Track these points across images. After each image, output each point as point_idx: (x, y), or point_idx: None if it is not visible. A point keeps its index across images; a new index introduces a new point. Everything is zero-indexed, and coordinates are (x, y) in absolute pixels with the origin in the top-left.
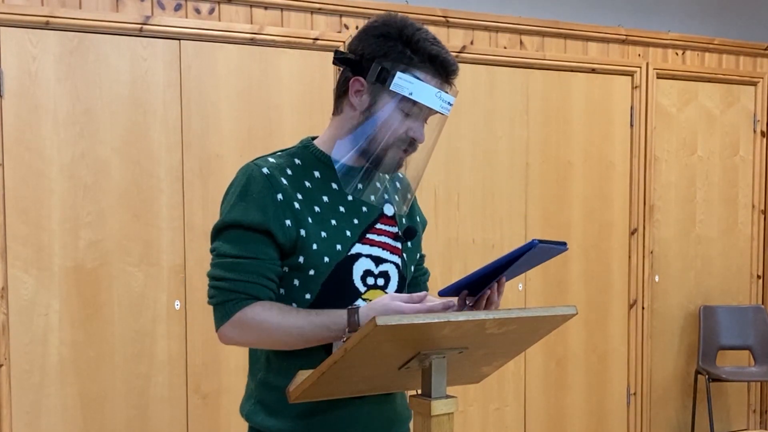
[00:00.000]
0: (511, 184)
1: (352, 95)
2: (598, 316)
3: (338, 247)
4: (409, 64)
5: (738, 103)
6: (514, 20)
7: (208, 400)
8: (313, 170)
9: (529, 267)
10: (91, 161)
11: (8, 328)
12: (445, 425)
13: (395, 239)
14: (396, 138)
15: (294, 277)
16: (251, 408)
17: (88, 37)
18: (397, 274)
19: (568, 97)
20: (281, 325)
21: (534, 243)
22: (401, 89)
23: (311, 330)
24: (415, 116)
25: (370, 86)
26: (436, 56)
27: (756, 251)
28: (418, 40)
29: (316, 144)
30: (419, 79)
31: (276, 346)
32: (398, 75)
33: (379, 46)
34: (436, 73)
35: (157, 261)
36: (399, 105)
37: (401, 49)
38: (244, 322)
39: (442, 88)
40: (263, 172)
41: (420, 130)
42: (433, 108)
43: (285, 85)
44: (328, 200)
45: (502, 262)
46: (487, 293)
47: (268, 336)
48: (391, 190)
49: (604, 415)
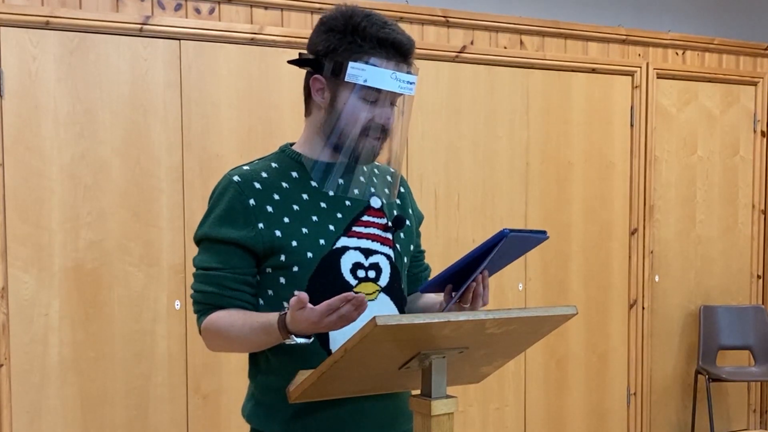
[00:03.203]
0: (511, 184)
1: (314, 94)
2: (598, 316)
3: (321, 241)
4: (359, 52)
5: (738, 103)
6: (514, 20)
7: (208, 400)
8: (290, 171)
9: (511, 259)
10: (91, 161)
11: (8, 328)
12: (445, 425)
13: (385, 230)
14: (363, 127)
15: (279, 276)
16: (251, 410)
17: (88, 37)
18: (389, 266)
19: (568, 97)
20: (229, 332)
21: (505, 233)
22: (356, 78)
23: (254, 336)
24: (378, 102)
25: (329, 81)
26: (384, 39)
27: (756, 251)
28: (365, 26)
29: (294, 148)
30: (372, 65)
31: (238, 350)
32: (350, 65)
33: (330, 40)
34: (389, 55)
35: (157, 261)
36: (358, 94)
37: (350, 39)
38: (208, 331)
39: (398, 69)
40: (234, 180)
41: (385, 114)
42: (391, 90)
43: (285, 85)
44: (307, 197)
45: (476, 254)
46: (472, 286)
47: (226, 342)
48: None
49: (604, 415)
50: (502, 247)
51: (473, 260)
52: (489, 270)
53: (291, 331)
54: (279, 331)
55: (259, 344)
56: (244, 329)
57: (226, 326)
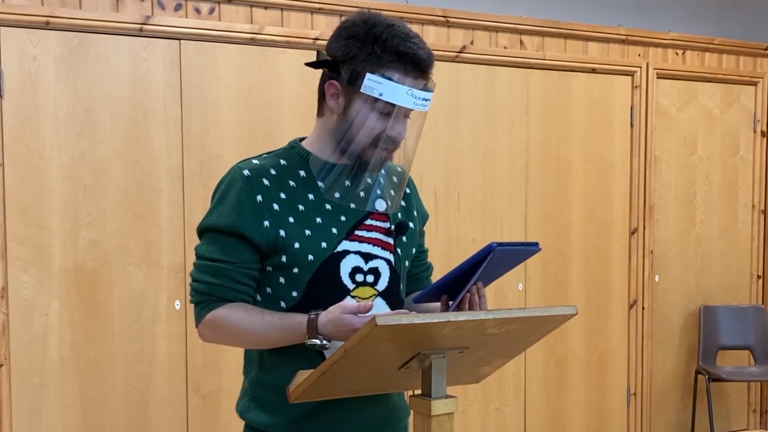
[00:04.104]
0: (511, 184)
1: (329, 98)
2: (598, 316)
3: (323, 244)
4: (377, 64)
5: (738, 103)
6: (514, 20)
7: (208, 400)
8: (299, 170)
9: (505, 269)
10: (91, 161)
11: (8, 328)
12: (445, 425)
13: (387, 234)
14: (374, 138)
15: (279, 276)
16: (245, 405)
17: (88, 37)
18: (389, 271)
19: (568, 97)
20: (246, 327)
21: (492, 247)
22: (371, 90)
23: (274, 333)
24: (391, 115)
25: (344, 88)
26: (404, 54)
27: (756, 251)
28: (387, 38)
29: (303, 145)
30: (389, 79)
31: (245, 345)
32: (368, 76)
33: (349, 47)
34: (407, 70)
35: (157, 261)
36: (372, 106)
37: (370, 50)
38: (215, 324)
39: (414, 86)
40: (244, 174)
41: (398, 128)
42: (407, 106)
43: (285, 85)
44: (313, 198)
45: (464, 267)
46: (467, 297)
47: (236, 336)
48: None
49: (604, 415)
50: (492, 260)
51: (464, 273)
52: (483, 281)
53: (321, 332)
54: (307, 330)
55: (274, 341)
56: (263, 325)
57: (241, 321)
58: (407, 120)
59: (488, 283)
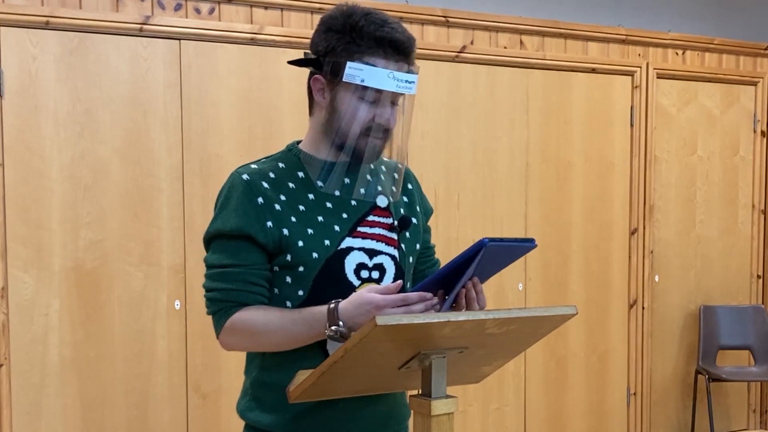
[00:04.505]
0: (511, 184)
1: (315, 94)
2: (598, 316)
3: (326, 242)
4: (357, 51)
5: (738, 103)
6: (514, 20)
7: (208, 400)
8: (297, 171)
9: (500, 266)
10: (91, 161)
11: (8, 328)
12: (445, 425)
13: (390, 230)
14: (363, 128)
15: (285, 275)
16: (246, 405)
17: (88, 37)
18: (394, 266)
19: (568, 97)
20: (266, 327)
21: (483, 243)
22: (353, 78)
23: (295, 327)
24: (378, 102)
25: (328, 81)
26: (382, 38)
27: (756, 251)
28: (363, 25)
29: (301, 147)
30: (369, 65)
31: (270, 348)
32: (348, 65)
33: (329, 40)
34: (386, 54)
35: (157, 261)
36: (357, 94)
37: (349, 39)
38: (235, 329)
39: (396, 68)
40: (243, 178)
41: (386, 114)
42: (389, 89)
43: (285, 85)
44: (313, 197)
45: (456, 263)
46: (462, 292)
47: (258, 338)
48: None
49: (604, 415)
50: (486, 255)
51: (456, 268)
52: (480, 277)
53: (341, 317)
54: (327, 318)
55: (296, 337)
56: (283, 322)
57: (262, 320)
58: (396, 107)
59: (486, 278)
